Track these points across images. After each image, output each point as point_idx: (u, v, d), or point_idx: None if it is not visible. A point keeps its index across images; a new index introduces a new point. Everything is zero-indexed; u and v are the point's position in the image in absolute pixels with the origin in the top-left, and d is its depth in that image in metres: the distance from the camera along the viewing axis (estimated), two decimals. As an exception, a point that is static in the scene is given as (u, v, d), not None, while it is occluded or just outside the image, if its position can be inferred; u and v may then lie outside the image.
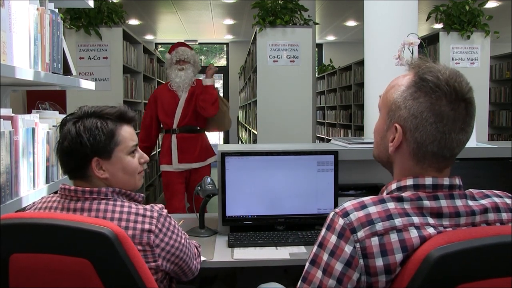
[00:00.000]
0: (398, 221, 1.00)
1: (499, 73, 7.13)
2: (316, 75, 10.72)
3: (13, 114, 1.65)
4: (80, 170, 1.41)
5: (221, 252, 1.97)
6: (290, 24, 4.80)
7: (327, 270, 1.00)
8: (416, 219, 1.01)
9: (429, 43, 5.57)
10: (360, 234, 0.99)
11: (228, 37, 12.03)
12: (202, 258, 1.85)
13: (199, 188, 2.23)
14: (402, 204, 1.03)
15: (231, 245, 2.02)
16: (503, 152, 2.34)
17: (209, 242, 2.11)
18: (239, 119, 10.61)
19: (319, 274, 1.02)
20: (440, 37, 5.16)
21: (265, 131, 4.81)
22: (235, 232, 2.14)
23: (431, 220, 1.01)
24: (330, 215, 1.05)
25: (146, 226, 1.36)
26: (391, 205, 1.02)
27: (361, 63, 7.22)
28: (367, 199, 1.05)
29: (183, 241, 1.49)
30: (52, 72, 1.88)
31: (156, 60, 6.87)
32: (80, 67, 4.58)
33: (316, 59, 10.86)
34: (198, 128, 3.97)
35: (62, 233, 1.20)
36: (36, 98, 4.83)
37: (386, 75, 3.83)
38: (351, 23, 10.27)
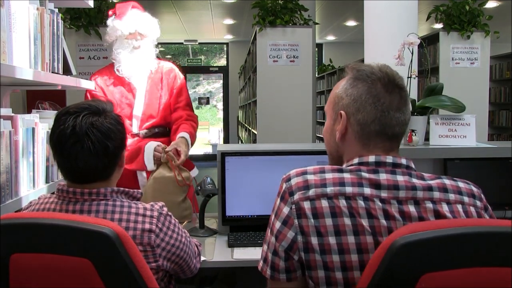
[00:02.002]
0: (330, 190, 1.08)
1: (499, 73, 7.13)
2: (316, 75, 10.72)
3: (13, 114, 1.65)
4: (106, 171, 1.34)
5: (221, 252, 1.97)
6: (290, 24, 4.81)
7: (271, 229, 1.14)
8: (349, 189, 1.08)
9: (429, 43, 5.57)
10: (296, 197, 1.10)
11: (228, 37, 12.03)
12: (202, 258, 1.85)
13: (199, 188, 2.23)
14: (341, 174, 1.11)
15: (231, 245, 2.02)
16: (503, 152, 2.34)
17: (209, 242, 2.11)
18: (239, 119, 10.62)
19: (268, 231, 1.15)
20: (440, 37, 5.17)
21: (265, 131, 4.81)
22: (235, 232, 2.14)
23: (367, 191, 1.08)
24: (281, 181, 1.16)
25: (147, 226, 1.34)
26: (328, 175, 1.11)
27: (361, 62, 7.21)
28: (310, 168, 1.15)
29: (183, 239, 1.48)
30: (52, 72, 1.88)
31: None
32: (80, 67, 4.57)
33: (316, 59, 10.87)
34: (168, 129, 2.68)
35: (63, 233, 1.19)
36: (36, 98, 4.82)
37: (386, 75, 3.86)
38: (351, 23, 10.27)
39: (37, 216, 1.30)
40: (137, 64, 2.58)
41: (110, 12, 2.64)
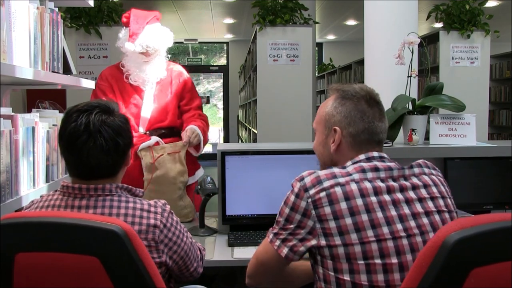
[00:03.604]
0: (341, 179, 1.27)
1: (499, 72, 7.13)
2: (316, 74, 10.71)
3: (13, 113, 1.65)
4: (114, 167, 1.37)
5: (221, 251, 1.97)
6: (290, 23, 4.80)
7: (289, 220, 1.29)
8: (356, 176, 1.28)
9: (429, 42, 5.56)
10: (312, 191, 1.26)
11: (228, 36, 12.03)
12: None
13: (199, 187, 2.23)
14: (346, 168, 1.32)
15: (231, 244, 2.02)
16: (503, 151, 2.34)
17: (209, 241, 2.11)
18: (239, 118, 10.61)
19: (282, 220, 1.31)
20: (440, 36, 5.16)
21: (265, 130, 4.81)
22: (235, 231, 2.14)
23: (369, 175, 1.29)
24: (293, 182, 1.32)
25: (152, 221, 1.35)
26: (336, 170, 1.31)
27: (361, 62, 7.21)
28: (317, 171, 1.34)
29: (186, 239, 1.48)
30: (52, 71, 1.88)
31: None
32: (80, 66, 4.58)
33: (316, 58, 10.86)
34: (175, 129, 2.67)
35: (70, 231, 1.19)
36: (36, 97, 4.83)
37: (386, 74, 3.85)
38: (351, 22, 10.26)
39: (43, 215, 1.30)
40: (146, 75, 2.60)
41: (124, 20, 2.62)
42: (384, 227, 1.22)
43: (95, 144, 1.30)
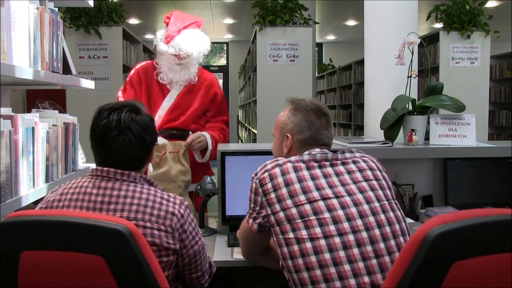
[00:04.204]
0: (280, 161, 1.55)
1: (499, 72, 7.13)
2: (316, 75, 10.72)
3: (13, 113, 1.65)
4: (140, 161, 1.49)
5: (220, 252, 1.97)
6: (290, 24, 4.80)
7: (251, 201, 1.57)
8: (293, 159, 1.55)
9: (429, 42, 5.56)
10: (258, 175, 1.56)
11: (228, 36, 12.03)
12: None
13: (198, 187, 2.23)
14: (288, 157, 1.60)
15: (231, 244, 2.02)
16: (503, 151, 2.34)
17: (208, 242, 2.11)
18: (239, 119, 10.62)
19: (250, 203, 1.58)
20: (440, 36, 5.16)
21: (265, 131, 4.81)
22: (235, 231, 2.14)
23: (306, 157, 1.55)
24: None
25: (170, 209, 1.44)
26: (280, 158, 1.59)
27: (361, 62, 7.21)
28: None
29: (197, 239, 1.53)
30: (52, 71, 1.88)
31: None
32: (80, 66, 4.58)
33: (316, 58, 10.86)
34: (190, 133, 2.65)
35: (75, 230, 1.19)
36: (36, 97, 4.83)
37: (386, 74, 3.85)
38: (351, 22, 10.26)
39: (49, 213, 1.32)
40: (175, 76, 2.65)
41: (166, 20, 2.69)
42: (314, 192, 1.47)
43: (124, 139, 1.43)
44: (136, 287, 1.21)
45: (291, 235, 1.44)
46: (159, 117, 2.63)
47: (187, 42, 2.59)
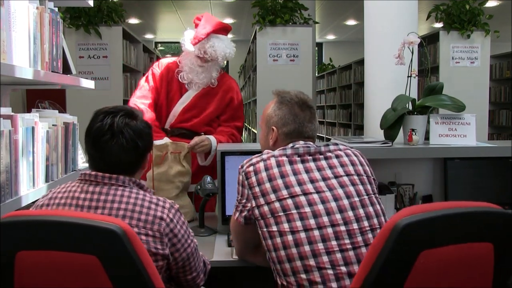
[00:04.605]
0: (265, 156, 1.62)
1: (499, 72, 7.13)
2: (316, 74, 10.72)
3: (12, 113, 1.65)
4: (132, 166, 1.49)
5: (220, 252, 1.97)
6: (290, 23, 4.80)
7: (239, 193, 1.65)
8: (276, 153, 1.62)
9: (429, 42, 5.56)
10: (244, 168, 1.63)
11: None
12: (202, 258, 1.85)
13: (198, 187, 2.23)
14: (274, 149, 1.67)
15: (231, 244, 2.02)
16: (503, 151, 2.34)
17: (209, 242, 2.11)
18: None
19: (238, 196, 1.66)
20: (440, 36, 5.16)
21: (265, 130, 4.80)
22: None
23: (289, 151, 1.60)
24: None
25: (159, 214, 1.43)
26: (265, 153, 1.64)
27: (361, 62, 7.21)
28: None
29: (190, 241, 1.52)
30: (52, 71, 1.87)
31: (156, 59, 6.87)
32: (79, 66, 4.57)
33: (316, 58, 10.86)
34: (203, 134, 2.70)
35: (70, 230, 1.20)
36: (35, 97, 4.83)
37: (386, 74, 3.85)
38: (351, 22, 10.26)
39: (44, 213, 1.32)
40: (197, 78, 2.68)
41: (196, 21, 2.73)
42: (296, 187, 1.53)
43: (117, 143, 1.44)
44: (131, 287, 1.21)
45: (274, 228, 1.51)
46: (173, 115, 2.69)
47: (213, 47, 2.62)
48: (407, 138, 2.42)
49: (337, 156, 1.62)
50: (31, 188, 1.71)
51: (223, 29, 2.74)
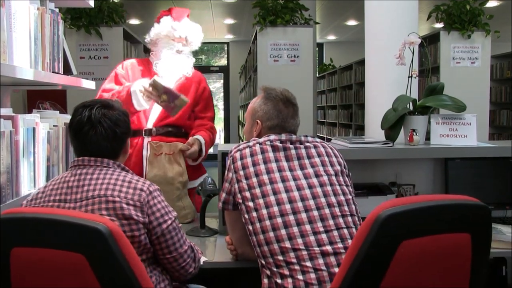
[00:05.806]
0: (251, 143, 1.74)
1: (499, 72, 7.12)
2: (317, 75, 10.71)
3: (13, 114, 1.65)
4: (114, 152, 1.60)
5: (221, 252, 1.97)
6: (291, 24, 4.80)
7: (226, 180, 1.75)
8: (261, 140, 1.74)
9: (429, 42, 5.56)
10: (232, 153, 1.77)
11: (229, 37, 12.03)
12: (203, 259, 1.85)
13: (199, 188, 2.23)
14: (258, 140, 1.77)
15: (232, 244, 2.01)
16: (503, 151, 2.34)
17: (209, 242, 2.11)
18: (240, 119, 10.61)
19: (225, 182, 1.77)
20: (440, 36, 5.15)
21: (266, 131, 4.80)
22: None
23: (272, 137, 1.73)
24: None
25: (139, 186, 1.54)
26: (252, 140, 1.76)
27: (361, 62, 7.21)
28: None
29: (168, 217, 1.56)
30: (53, 72, 1.88)
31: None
32: (80, 66, 4.57)
33: (317, 58, 10.86)
34: (183, 130, 2.68)
35: (59, 228, 1.22)
36: (36, 97, 4.82)
37: (386, 74, 3.85)
38: (351, 22, 10.26)
39: (38, 211, 1.34)
40: (174, 66, 2.66)
41: (165, 12, 2.77)
42: (276, 173, 1.66)
43: (96, 132, 1.55)
44: (118, 285, 1.23)
45: (254, 214, 1.62)
46: (154, 114, 2.62)
47: (191, 30, 2.69)
48: (408, 138, 2.42)
49: (315, 147, 1.76)
50: (32, 189, 1.72)
51: (187, 16, 2.79)
